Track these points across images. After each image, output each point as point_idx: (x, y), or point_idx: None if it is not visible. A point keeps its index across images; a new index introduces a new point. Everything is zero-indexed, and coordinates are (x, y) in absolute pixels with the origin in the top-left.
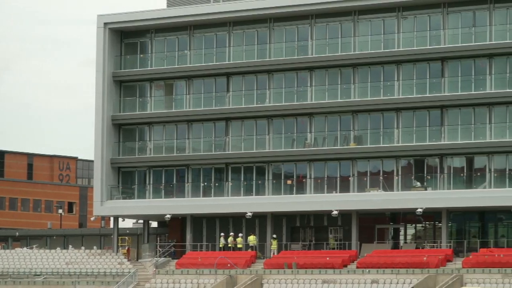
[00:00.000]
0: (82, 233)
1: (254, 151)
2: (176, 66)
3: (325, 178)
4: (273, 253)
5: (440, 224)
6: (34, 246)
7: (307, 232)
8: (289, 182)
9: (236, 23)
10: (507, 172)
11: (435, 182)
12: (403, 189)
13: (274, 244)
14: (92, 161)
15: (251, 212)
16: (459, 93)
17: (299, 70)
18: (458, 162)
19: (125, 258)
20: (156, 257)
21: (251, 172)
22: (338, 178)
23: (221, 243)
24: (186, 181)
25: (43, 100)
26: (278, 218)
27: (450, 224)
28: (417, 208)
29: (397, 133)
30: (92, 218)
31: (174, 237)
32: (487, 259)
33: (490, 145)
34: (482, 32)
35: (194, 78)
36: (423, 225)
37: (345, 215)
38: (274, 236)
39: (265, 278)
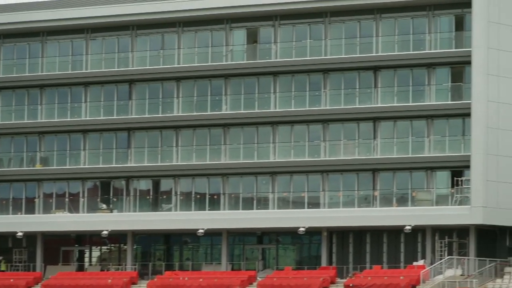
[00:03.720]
0: None
1: None
2: None
3: (10, 200)
4: None
5: (126, 247)
6: None
7: None
8: None
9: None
10: (193, 195)
11: (121, 204)
12: (89, 211)
13: None
14: None
15: None
16: (147, 116)
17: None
18: (145, 184)
19: None
20: None
21: None
22: (24, 199)
23: None
24: None
25: None
26: None
27: (135, 247)
28: (102, 230)
29: (84, 154)
30: None
31: None
32: (171, 282)
33: (176, 168)
34: (171, 55)
35: None
36: (109, 247)
37: (30, 237)
38: None
39: None
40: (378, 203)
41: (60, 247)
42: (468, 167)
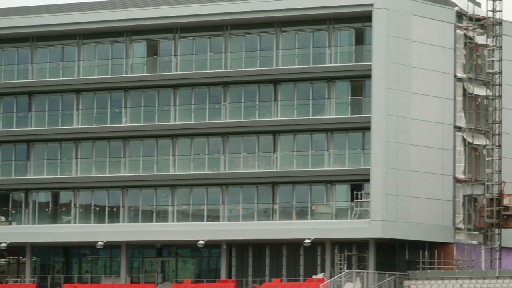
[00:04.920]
0: None
1: None
2: None
3: None
4: None
5: (24, 259)
6: None
7: None
8: None
9: None
10: (92, 208)
11: (20, 216)
12: None
13: None
14: None
15: None
16: (46, 128)
17: None
18: (44, 197)
19: None
20: None
21: None
22: None
23: None
24: None
25: None
26: None
27: (34, 259)
28: (1, 243)
29: None
30: None
31: None
32: None
33: (76, 180)
34: (70, 67)
35: None
36: (7, 259)
37: None
38: None
39: None
40: (277, 216)
41: None
42: (367, 180)
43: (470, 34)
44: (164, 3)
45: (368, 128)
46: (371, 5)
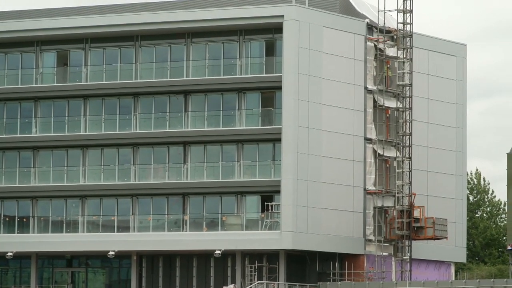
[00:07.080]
0: None
1: None
2: None
3: None
4: None
5: None
6: None
7: None
8: None
9: None
10: (1, 218)
11: None
12: None
13: None
14: None
15: None
16: None
17: None
18: None
19: None
20: None
21: None
22: None
23: None
24: None
25: None
26: None
27: None
28: None
29: None
30: None
31: None
32: None
33: None
34: None
35: None
36: None
37: None
38: None
39: None
40: (188, 227)
41: None
42: (278, 192)
43: (381, 46)
44: (73, 13)
45: (278, 140)
46: (282, 16)
